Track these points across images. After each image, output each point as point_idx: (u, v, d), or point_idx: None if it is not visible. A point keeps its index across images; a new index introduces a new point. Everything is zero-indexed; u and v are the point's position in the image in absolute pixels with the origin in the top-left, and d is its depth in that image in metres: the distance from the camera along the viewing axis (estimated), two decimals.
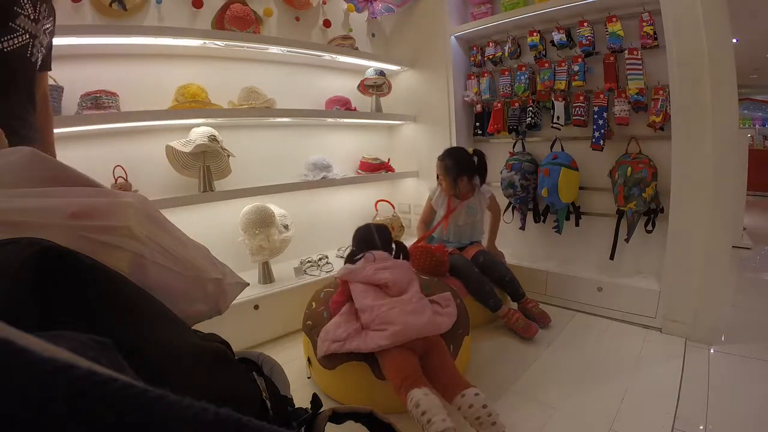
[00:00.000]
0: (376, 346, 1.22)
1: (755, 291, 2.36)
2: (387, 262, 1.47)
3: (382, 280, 1.39)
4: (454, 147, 2.13)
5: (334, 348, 1.28)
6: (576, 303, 2.05)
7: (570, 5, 1.92)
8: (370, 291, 1.38)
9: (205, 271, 0.59)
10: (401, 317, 1.27)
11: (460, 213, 2.02)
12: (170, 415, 0.14)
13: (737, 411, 1.25)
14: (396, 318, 1.26)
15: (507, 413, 1.26)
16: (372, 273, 1.41)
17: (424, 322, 1.28)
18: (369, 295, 1.36)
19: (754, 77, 6.98)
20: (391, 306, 1.31)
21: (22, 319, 0.29)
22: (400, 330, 1.22)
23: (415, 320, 1.27)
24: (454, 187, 1.96)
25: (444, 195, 2.03)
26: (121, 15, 1.72)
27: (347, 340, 1.28)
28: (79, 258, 0.36)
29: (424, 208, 2.18)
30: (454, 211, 2.01)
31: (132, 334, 0.36)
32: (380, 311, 1.29)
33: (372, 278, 1.40)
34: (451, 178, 1.95)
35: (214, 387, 0.45)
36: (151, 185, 1.82)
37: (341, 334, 1.29)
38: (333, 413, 0.54)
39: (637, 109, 1.85)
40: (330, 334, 1.32)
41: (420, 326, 1.26)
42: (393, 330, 1.23)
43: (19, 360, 0.13)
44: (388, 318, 1.27)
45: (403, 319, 1.26)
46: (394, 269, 1.44)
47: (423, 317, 1.29)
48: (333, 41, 2.38)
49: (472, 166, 1.97)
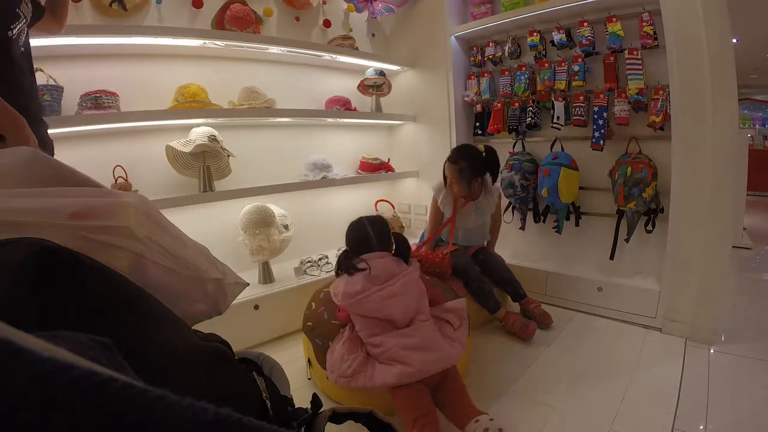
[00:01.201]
0: (382, 384, 1.15)
1: (755, 291, 2.36)
2: (393, 286, 1.25)
3: (388, 315, 1.25)
4: (465, 146, 1.94)
5: (342, 383, 1.21)
6: (576, 303, 2.05)
7: (570, 5, 1.92)
8: (378, 324, 1.25)
9: (205, 271, 0.59)
10: (414, 356, 1.17)
11: (470, 214, 1.91)
12: (170, 415, 0.14)
13: (737, 411, 1.25)
14: (407, 357, 1.16)
15: (507, 413, 1.26)
16: (376, 305, 1.23)
17: (438, 358, 1.19)
18: (376, 328, 1.25)
19: (754, 77, 6.98)
20: (399, 341, 1.20)
21: (22, 319, 0.29)
22: (413, 372, 1.14)
23: (429, 358, 1.18)
24: (468, 189, 1.84)
25: (450, 195, 1.90)
26: (121, 15, 1.72)
27: (353, 377, 1.20)
28: (79, 258, 0.36)
29: (431, 214, 1.99)
30: (462, 211, 1.90)
31: (132, 334, 0.36)
32: (388, 347, 1.19)
33: (377, 312, 1.24)
34: (466, 181, 1.81)
35: (214, 387, 0.45)
36: (151, 185, 1.82)
37: (346, 371, 1.21)
38: (333, 413, 0.54)
39: (637, 109, 1.85)
40: (336, 369, 1.24)
41: (433, 363, 1.17)
42: (404, 371, 1.14)
43: (19, 360, 0.13)
44: (398, 356, 1.17)
45: (415, 358, 1.16)
46: (402, 296, 1.25)
47: (437, 353, 1.20)
48: (333, 41, 2.38)
49: (485, 166, 1.86)
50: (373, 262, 1.29)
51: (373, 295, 1.23)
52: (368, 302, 1.23)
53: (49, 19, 1.22)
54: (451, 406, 1.17)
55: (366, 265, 1.28)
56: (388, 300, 1.23)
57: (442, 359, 1.19)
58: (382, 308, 1.23)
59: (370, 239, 1.37)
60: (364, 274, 1.26)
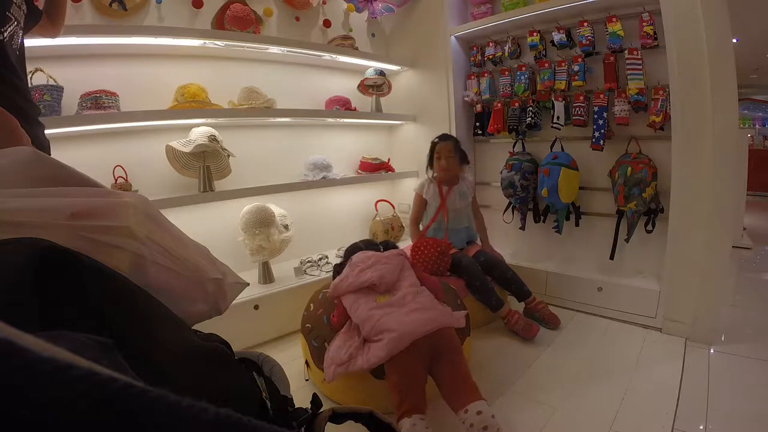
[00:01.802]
0: (376, 360, 1.15)
1: (755, 291, 2.36)
2: (369, 260, 1.40)
3: (366, 281, 1.32)
4: (445, 133, 2.14)
5: (339, 372, 1.21)
6: (576, 303, 2.05)
7: (570, 5, 1.92)
8: (361, 298, 1.31)
9: (205, 271, 0.59)
10: (396, 321, 1.19)
11: (455, 198, 2.05)
12: (170, 415, 0.14)
13: (737, 411, 1.25)
14: (391, 323, 1.18)
15: (507, 413, 1.26)
16: (355, 278, 1.34)
17: (423, 320, 1.18)
18: (361, 304, 1.29)
19: (754, 77, 6.98)
20: (386, 311, 1.23)
21: (22, 319, 0.29)
22: (395, 336, 1.14)
23: (411, 320, 1.18)
24: (458, 166, 2.02)
25: (435, 185, 2.06)
26: (121, 15, 1.72)
27: (350, 361, 1.21)
28: (79, 258, 0.36)
29: (414, 206, 2.15)
30: (448, 197, 2.04)
31: (132, 334, 0.36)
32: (375, 321, 1.21)
33: (356, 284, 1.33)
34: (458, 156, 2.01)
35: (214, 387, 0.45)
36: (151, 185, 1.82)
37: (343, 356, 1.22)
38: (333, 413, 0.54)
39: (637, 109, 1.85)
40: (333, 359, 1.25)
41: (417, 326, 1.17)
42: (388, 338, 1.15)
43: (19, 360, 0.13)
44: (383, 326, 1.19)
45: (398, 321, 1.18)
46: (377, 264, 1.37)
47: (422, 314, 1.21)
48: (333, 41, 2.38)
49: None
50: (355, 256, 1.46)
51: (352, 272, 1.38)
52: (348, 279, 1.36)
53: (46, 23, 1.23)
54: (447, 385, 1.15)
55: (352, 259, 1.45)
56: (364, 271, 1.37)
57: (427, 321, 1.19)
58: (359, 278, 1.34)
59: (357, 246, 1.57)
60: (349, 263, 1.45)
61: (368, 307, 1.27)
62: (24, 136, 0.80)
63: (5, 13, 0.97)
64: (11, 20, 0.98)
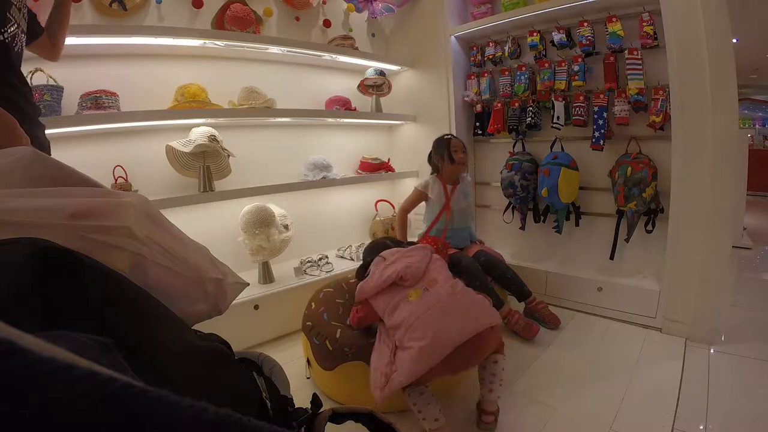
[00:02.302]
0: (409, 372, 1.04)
1: (755, 291, 2.36)
2: (393, 255, 1.32)
3: (392, 276, 1.23)
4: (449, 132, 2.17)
5: (384, 395, 1.08)
6: (576, 303, 2.05)
7: (570, 5, 1.92)
8: (393, 296, 1.20)
9: (205, 271, 0.59)
10: (432, 322, 1.07)
11: (459, 197, 2.04)
12: (170, 415, 0.14)
13: (737, 411, 1.25)
14: (426, 327, 1.07)
15: (507, 413, 1.26)
16: (379, 276, 1.25)
17: (465, 322, 1.08)
18: (392, 303, 1.18)
19: (754, 77, 6.98)
20: (424, 309, 1.12)
21: (22, 319, 0.29)
22: (426, 345, 1.03)
23: (450, 323, 1.07)
24: (467, 159, 2.04)
25: (440, 184, 2.03)
26: (121, 15, 1.72)
27: (388, 384, 1.08)
28: (79, 258, 0.36)
29: (409, 198, 2.10)
30: (452, 196, 2.02)
31: (132, 334, 0.36)
32: (409, 324, 1.10)
33: (382, 281, 1.23)
34: (466, 152, 2.04)
35: (214, 387, 0.45)
36: (151, 185, 1.82)
37: (381, 380, 1.10)
38: (333, 413, 0.54)
39: (637, 109, 1.85)
40: (374, 382, 1.12)
41: (458, 332, 1.05)
42: (421, 347, 1.04)
43: (19, 360, 0.13)
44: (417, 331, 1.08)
45: (434, 322, 1.07)
46: (402, 258, 1.28)
47: (461, 317, 1.10)
48: (333, 41, 2.38)
49: None
50: (384, 252, 1.39)
51: (377, 270, 1.30)
52: (373, 278, 1.28)
53: (46, 43, 1.24)
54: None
55: (379, 258, 1.37)
56: (389, 266, 1.28)
57: (473, 322, 1.09)
58: (383, 275, 1.25)
59: (385, 243, 1.54)
60: (375, 261, 1.37)
61: (397, 299, 1.19)
62: (24, 136, 0.80)
63: (5, 14, 0.97)
64: (11, 21, 0.98)
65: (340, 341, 1.33)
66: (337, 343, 1.33)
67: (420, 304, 1.14)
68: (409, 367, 1.04)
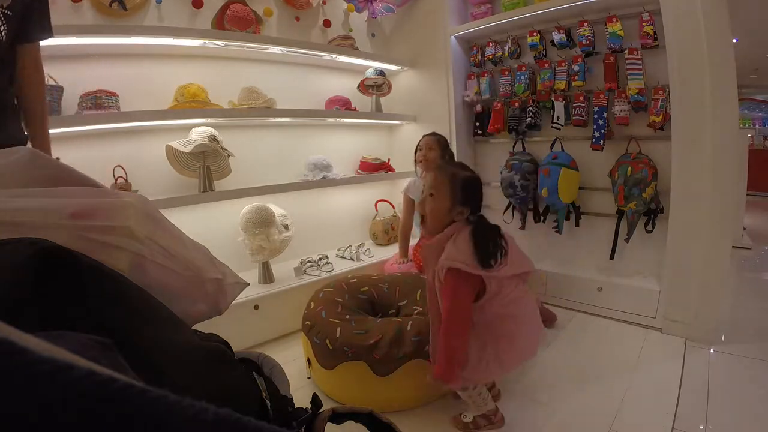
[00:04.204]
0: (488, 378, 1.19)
1: (755, 291, 2.36)
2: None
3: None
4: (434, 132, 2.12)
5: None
6: (576, 303, 2.05)
7: (570, 5, 1.92)
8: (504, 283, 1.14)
9: (205, 271, 0.59)
10: (521, 340, 1.14)
11: None
12: (170, 415, 0.14)
13: (737, 411, 1.25)
14: (533, 331, 1.17)
15: (507, 413, 1.26)
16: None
17: (537, 337, 1.19)
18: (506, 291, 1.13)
19: (754, 77, 6.97)
20: (532, 311, 1.17)
21: (22, 319, 0.29)
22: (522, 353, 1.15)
23: (534, 335, 1.18)
24: (441, 159, 1.96)
25: (420, 180, 1.98)
26: (121, 15, 1.72)
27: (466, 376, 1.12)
28: (79, 258, 0.36)
29: (403, 213, 2.09)
30: None
31: (132, 334, 0.36)
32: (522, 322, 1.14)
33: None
34: (440, 150, 1.98)
35: (214, 387, 0.45)
36: (151, 185, 1.82)
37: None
38: (333, 413, 0.54)
39: (637, 109, 1.85)
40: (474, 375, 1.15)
41: (536, 345, 1.18)
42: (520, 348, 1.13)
43: (20, 360, 0.13)
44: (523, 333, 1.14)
45: (526, 334, 1.15)
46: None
47: (538, 329, 1.20)
48: (333, 41, 2.38)
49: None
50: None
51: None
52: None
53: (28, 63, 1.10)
54: None
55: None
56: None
57: (539, 337, 1.19)
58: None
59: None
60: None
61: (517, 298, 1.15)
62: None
63: None
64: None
65: (340, 340, 1.33)
66: (337, 342, 1.33)
67: (530, 304, 1.18)
68: (507, 365, 1.12)
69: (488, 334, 1.11)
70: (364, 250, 2.34)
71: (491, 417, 1.21)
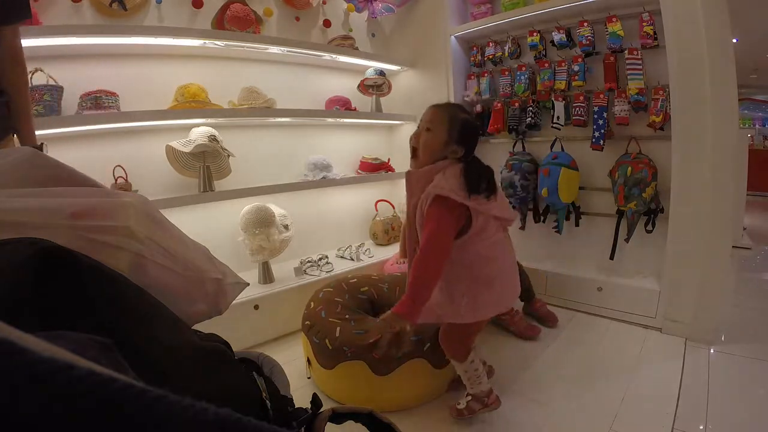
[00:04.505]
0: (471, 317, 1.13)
1: (755, 291, 2.36)
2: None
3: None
4: None
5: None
6: (576, 303, 2.05)
7: (570, 5, 1.92)
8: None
9: (205, 271, 0.59)
10: (498, 285, 1.14)
11: None
12: (170, 416, 0.14)
13: (737, 411, 1.25)
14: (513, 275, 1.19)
15: (507, 413, 1.26)
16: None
17: (517, 288, 1.22)
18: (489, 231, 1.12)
19: (754, 77, 6.97)
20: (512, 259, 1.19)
21: (22, 319, 0.29)
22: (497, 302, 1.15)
23: (509, 288, 1.19)
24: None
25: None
26: (121, 15, 1.72)
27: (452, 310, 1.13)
28: (79, 258, 0.36)
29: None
30: None
31: (132, 334, 0.36)
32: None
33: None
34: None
35: (214, 387, 0.45)
36: (151, 185, 1.82)
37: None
38: (333, 413, 0.54)
39: (637, 109, 1.85)
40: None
41: (512, 298, 1.20)
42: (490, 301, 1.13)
43: (19, 360, 0.13)
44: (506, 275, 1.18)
45: (509, 283, 1.18)
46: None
47: (516, 279, 1.21)
48: (333, 41, 2.38)
49: None
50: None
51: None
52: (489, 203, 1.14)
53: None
54: None
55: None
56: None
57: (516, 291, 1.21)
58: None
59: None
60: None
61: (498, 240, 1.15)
62: None
63: None
64: None
65: (340, 339, 1.33)
66: (336, 342, 1.33)
67: (511, 254, 1.19)
68: (481, 310, 1.12)
69: (467, 273, 1.09)
70: (364, 250, 2.34)
71: (485, 399, 1.22)
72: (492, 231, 1.11)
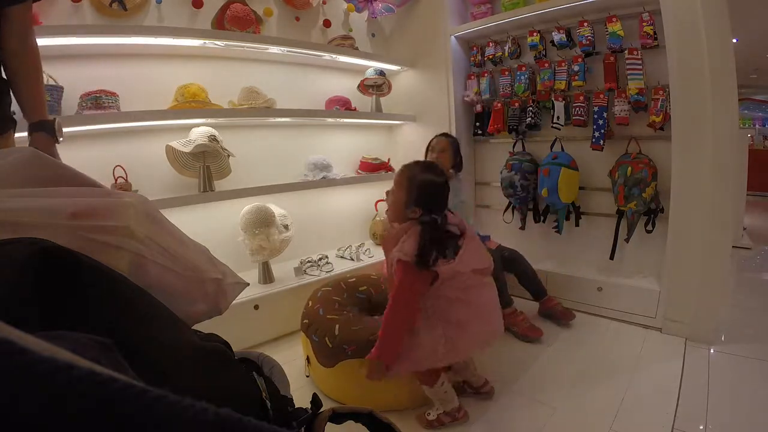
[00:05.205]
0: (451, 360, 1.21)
1: (755, 291, 2.36)
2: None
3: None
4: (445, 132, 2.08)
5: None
6: (576, 303, 2.05)
7: (570, 5, 1.92)
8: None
9: (205, 271, 0.59)
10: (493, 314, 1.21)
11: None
12: (170, 415, 0.14)
13: (737, 411, 1.25)
14: (491, 316, 1.22)
15: (507, 413, 1.26)
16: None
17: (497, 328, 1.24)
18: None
19: (754, 77, 6.98)
20: (487, 299, 1.22)
21: (22, 319, 0.29)
22: (463, 350, 1.19)
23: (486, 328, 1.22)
24: (454, 160, 1.90)
25: None
26: (121, 15, 1.72)
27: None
28: (79, 258, 0.36)
29: None
30: None
31: (132, 334, 0.36)
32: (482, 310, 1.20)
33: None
34: (453, 152, 1.91)
35: (214, 387, 0.45)
36: (151, 185, 1.82)
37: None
38: (333, 413, 0.54)
39: (637, 109, 1.85)
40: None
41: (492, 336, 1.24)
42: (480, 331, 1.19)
43: (19, 360, 0.13)
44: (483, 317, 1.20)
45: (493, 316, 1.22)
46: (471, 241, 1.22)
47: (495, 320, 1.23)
48: (333, 41, 2.38)
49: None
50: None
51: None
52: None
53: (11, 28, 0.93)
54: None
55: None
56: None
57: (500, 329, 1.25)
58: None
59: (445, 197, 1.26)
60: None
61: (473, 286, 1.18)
62: None
63: None
64: None
65: (339, 338, 1.33)
66: (336, 340, 1.33)
67: (488, 295, 1.23)
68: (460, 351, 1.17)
69: (440, 318, 1.15)
70: (364, 250, 2.34)
71: (455, 414, 1.25)
72: (465, 277, 1.16)
